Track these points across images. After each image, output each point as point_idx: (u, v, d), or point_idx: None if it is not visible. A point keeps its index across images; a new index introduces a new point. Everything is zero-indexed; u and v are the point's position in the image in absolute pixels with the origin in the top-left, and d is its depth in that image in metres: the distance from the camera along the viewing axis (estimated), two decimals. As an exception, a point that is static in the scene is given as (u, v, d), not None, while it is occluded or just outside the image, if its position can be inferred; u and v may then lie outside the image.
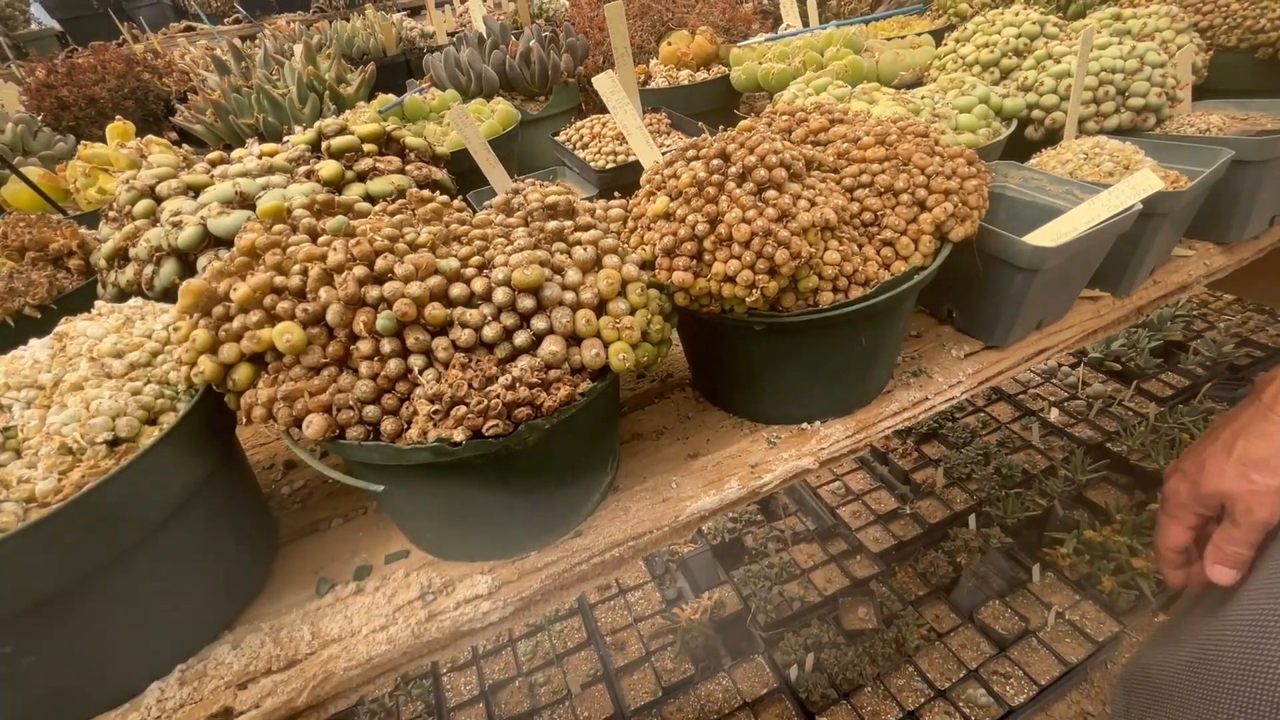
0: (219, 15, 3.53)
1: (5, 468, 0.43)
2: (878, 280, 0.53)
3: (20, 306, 0.66)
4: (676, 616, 1.72)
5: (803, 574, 1.78)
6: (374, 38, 1.96)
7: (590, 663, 1.66)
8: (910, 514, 1.87)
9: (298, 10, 3.57)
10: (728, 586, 1.80)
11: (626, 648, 1.69)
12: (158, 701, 0.47)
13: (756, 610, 1.70)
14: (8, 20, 3.26)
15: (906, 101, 0.76)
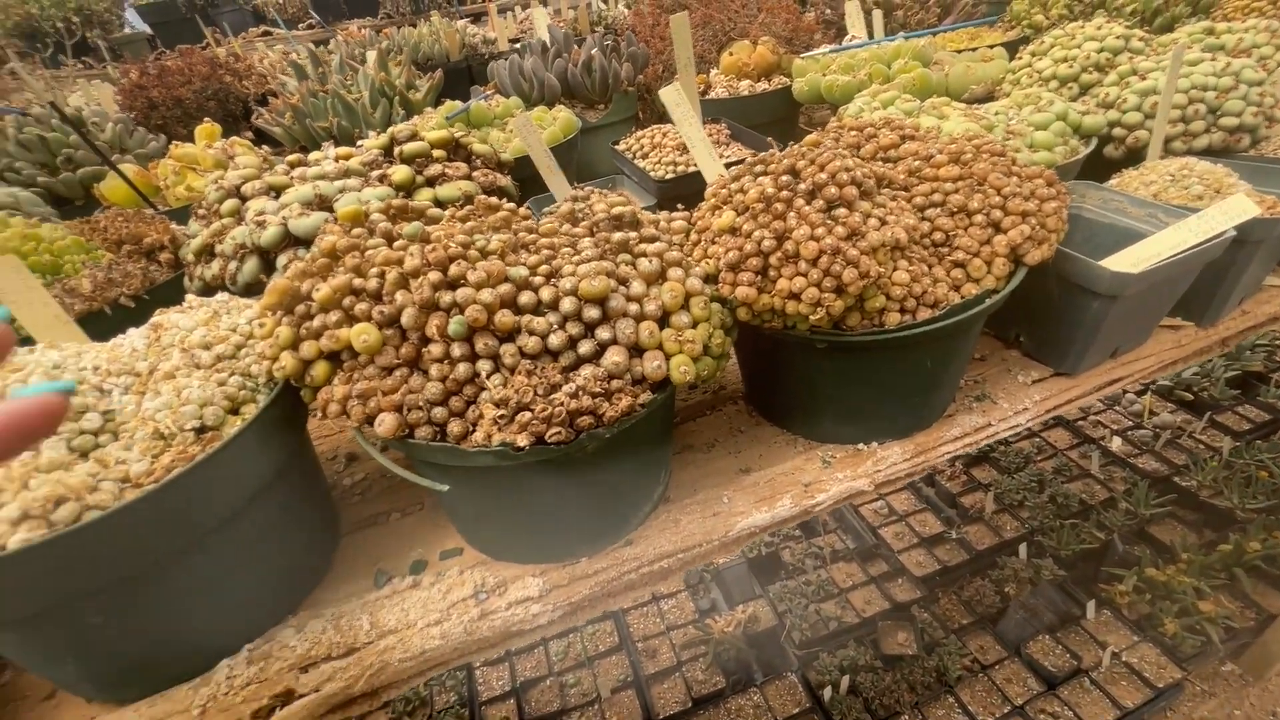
0: (294, 21, 3.70)
1: (105, 449, 0.46)
2: (947, 302, 0.52)
3: (117, 296, 0.70)
4: (710, 628, 1.70)
5: (840, 593, 1.74)
6: (439, 44, 2.03)
7: (621, 668, 1.66)
8: (957, 539, 1.81)
9: (366, 16, 3.72)
10: (763, 601, 1.77)
11: (658, 655, 1.68)
12: (227, 678, 0.49)
13: (791, 627, 1.67)
14: (105, 24, 3.50)
15: (979, 117, 0.74)
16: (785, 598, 1.78)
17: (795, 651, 1.64)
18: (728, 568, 1.92)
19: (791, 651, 1.65)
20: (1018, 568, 1.69)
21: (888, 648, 1.60)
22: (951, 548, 1.80)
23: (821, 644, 1.65)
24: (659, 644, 1.74)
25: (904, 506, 1.99)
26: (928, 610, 1.68)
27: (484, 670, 1.77)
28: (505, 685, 1.69)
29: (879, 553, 1.85)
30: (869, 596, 1.75)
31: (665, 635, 1.75)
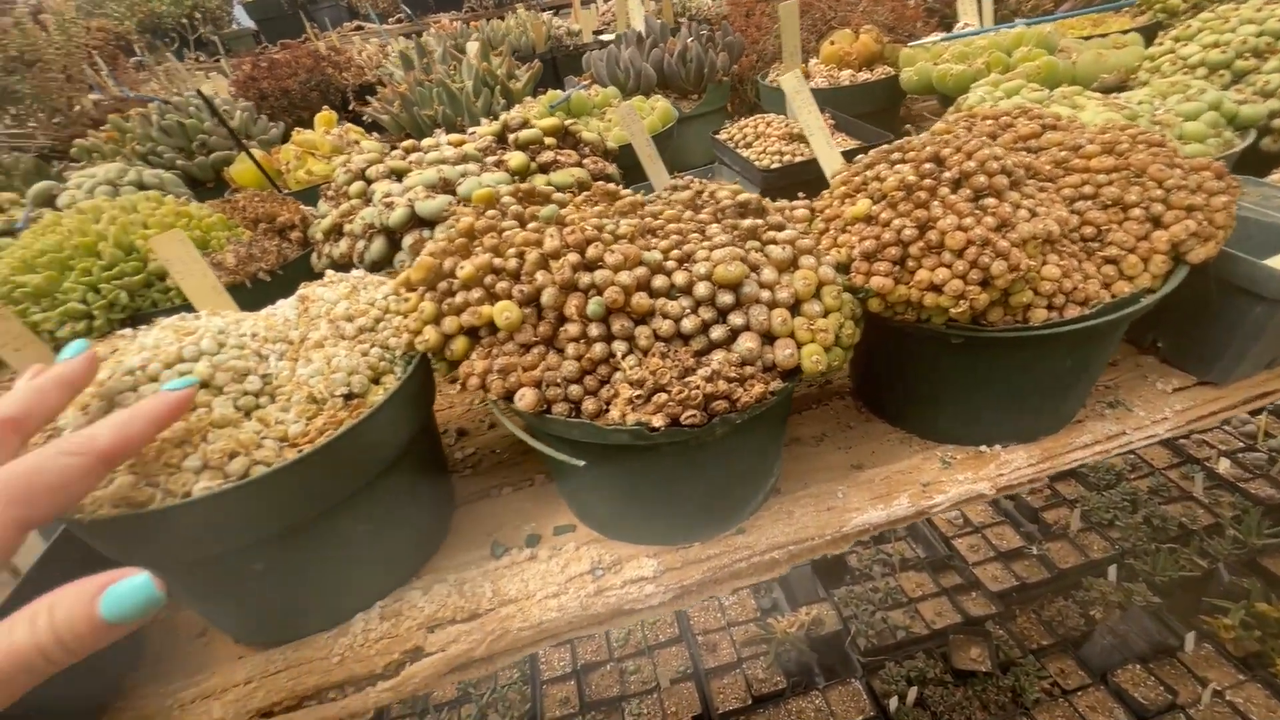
0: (385, 15, 3.85)
1: (264, 409, 0.50)
2: (1098, 300, 0.49)
3: (256, 270, 0.75)
4: (771, 627, 1.68)
5: (910, 603, 1.68)
6: (525, 35, 2.06)
7: (681, 659, 1.67)
8: (1037, 555, 1.72)
9: (452, 10, 3.83)
10: (827, 605, 1.73)
11: (718, 650, 1.68)
12: (363, 631, 0.52)
13: (857, 633, 1.63)
14: (216, 20, 3.75)
15: (1120, 106, 0.70)
16: (851, 602, 1.74)
17: (859, 658, 1.60)
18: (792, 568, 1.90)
19: (856, 658, 1.61)
20: (1105, 590, 1.59)
21: (959, 662, 1.54)
22: (1031, 564, 1.71)
23: (888, 653, 1.60)
24: (719, 639, 1.74)
25: (980, 518, 1.91)
26: (1004, 627, 1.61)
27: (546, 650, 1.81)
28: (567, 667, 1.72)
29: (952, 564, 1.77)
30: (940, 608, 1.68)
31: (726, 631, 1.75)
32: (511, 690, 1.71)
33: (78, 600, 0.28)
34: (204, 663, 0.54)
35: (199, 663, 0.54)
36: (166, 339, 0.52)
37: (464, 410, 0.78)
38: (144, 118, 1.22)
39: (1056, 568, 1.66)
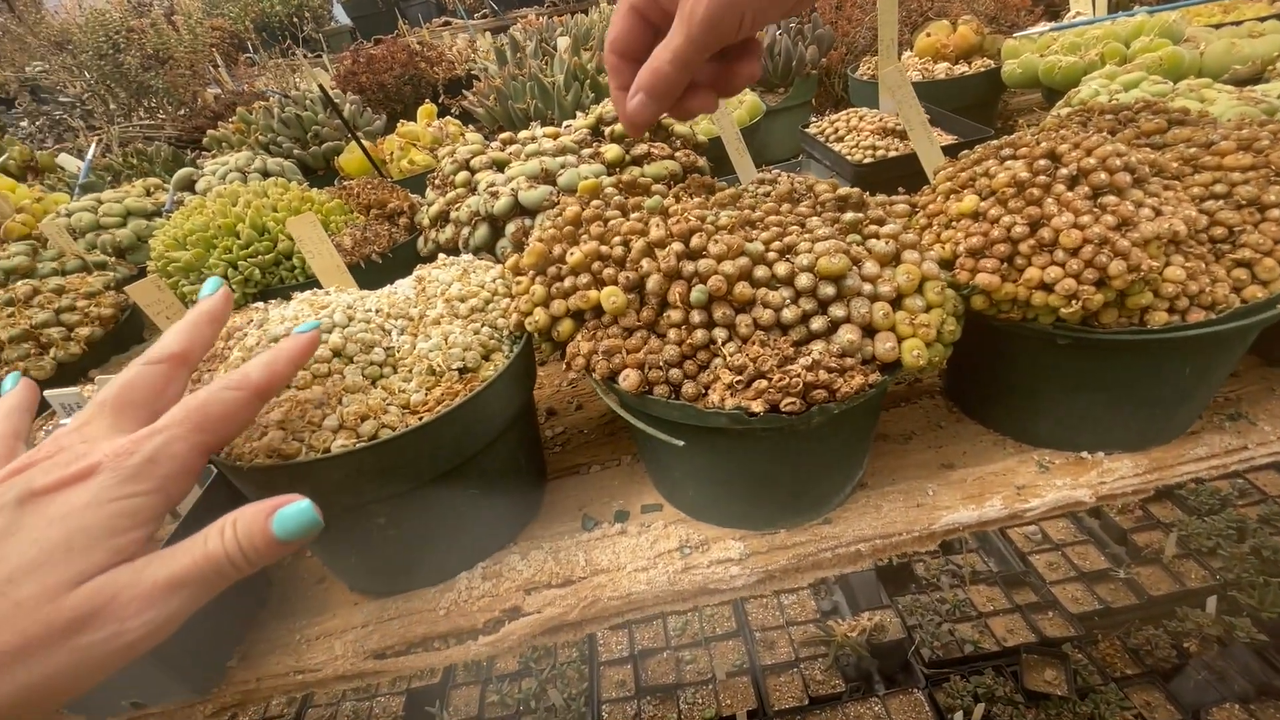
0: (472, 10, 4.00)
1: (388, 379, 0.55)
2: (1227, 305, 0.47)
3: (369, 253, 0.81)
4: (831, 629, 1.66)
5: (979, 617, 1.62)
6: (610, 30, 2.10)
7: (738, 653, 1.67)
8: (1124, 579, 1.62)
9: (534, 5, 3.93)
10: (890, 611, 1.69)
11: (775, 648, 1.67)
12: (466, 588, 0.56)
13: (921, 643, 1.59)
14: (318, 18, 4.00)
15: (1256, 100, 0.65)
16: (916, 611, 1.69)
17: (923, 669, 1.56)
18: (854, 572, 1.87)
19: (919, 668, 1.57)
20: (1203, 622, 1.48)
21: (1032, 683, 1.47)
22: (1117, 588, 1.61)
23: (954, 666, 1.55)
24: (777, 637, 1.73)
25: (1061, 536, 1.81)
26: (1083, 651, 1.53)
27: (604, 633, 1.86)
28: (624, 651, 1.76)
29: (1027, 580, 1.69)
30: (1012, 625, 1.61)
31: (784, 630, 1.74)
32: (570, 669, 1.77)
33: (255, 518, 0.32)
34: (324, 605, 0.60)
35: (320, 605, 0.60)
36: (304, 311, 0.58)
37: (553, 391, 0.82)
38: (266, 110, 1.33)
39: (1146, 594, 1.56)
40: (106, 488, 0.31)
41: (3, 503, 0.30)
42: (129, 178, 1.28)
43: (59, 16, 2.96)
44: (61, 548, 0.29)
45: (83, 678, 0.29)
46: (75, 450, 0.33)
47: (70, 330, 0.77)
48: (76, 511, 0.30)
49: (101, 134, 2.04)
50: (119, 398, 0.36)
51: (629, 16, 0.46)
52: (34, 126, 2.46)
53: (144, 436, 0.33)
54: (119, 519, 0.31)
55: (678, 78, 0.44)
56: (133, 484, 0.32)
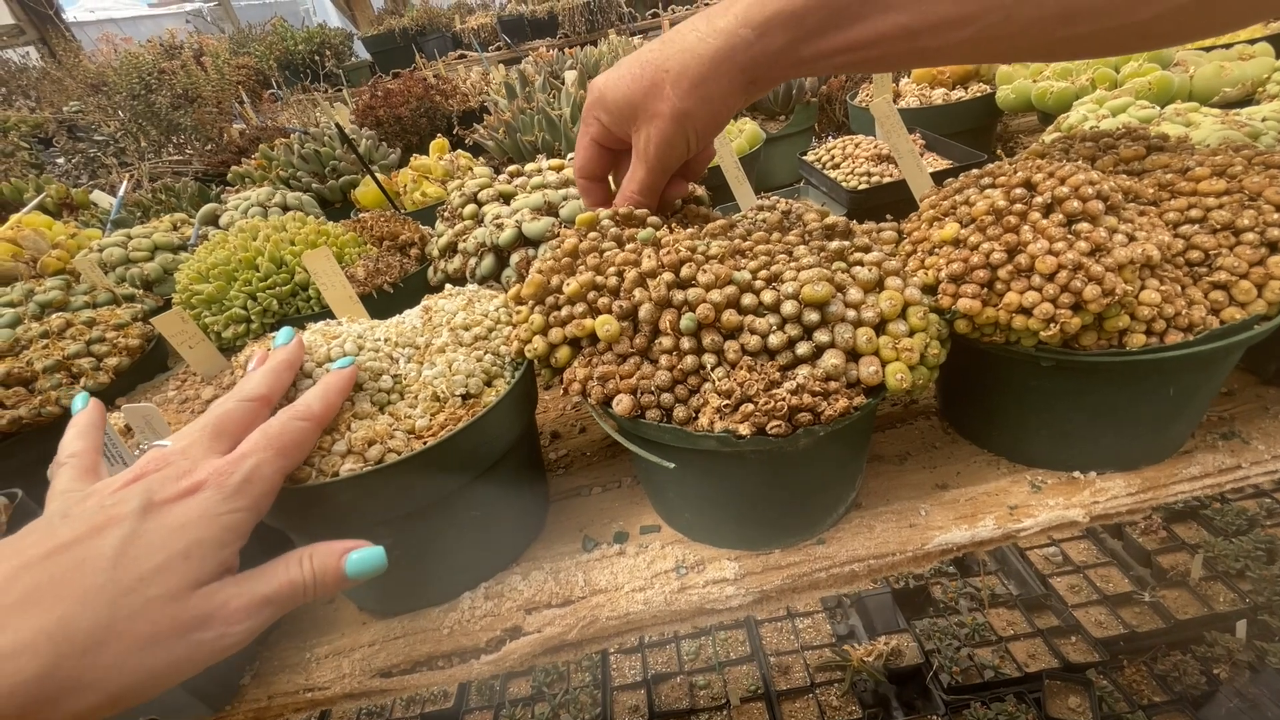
0: (486, 43, 4.13)
1: (395, 405, 0.57)
2: (1204, 326, 0.48)
3: (381, 283, 0.85)
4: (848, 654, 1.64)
5: (999, 642, 1.59)
6: (618, 61, 2.16)
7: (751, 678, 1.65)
8: (1150, 602, 1.58)
9: (547, 36, 4.05)
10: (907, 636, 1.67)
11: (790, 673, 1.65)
12: (469, 608, 0.58)
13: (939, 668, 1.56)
14: (339, 54, 4.16)
15: (1240, 124, 0.66)
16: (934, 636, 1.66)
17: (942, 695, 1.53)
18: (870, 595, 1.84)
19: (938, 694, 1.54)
20: (1233, 647, 1.44)
21: (1055, 710, 1.44)
22: (1143, 612, 1.57)
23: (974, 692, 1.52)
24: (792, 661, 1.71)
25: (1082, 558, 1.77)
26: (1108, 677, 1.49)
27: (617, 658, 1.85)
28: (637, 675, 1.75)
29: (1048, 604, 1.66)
30: (1033, 650, 1.58)
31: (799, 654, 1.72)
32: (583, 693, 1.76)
33: (329, 554, 0.39)
34: (333, 624, 0.62)
35: (329, 624, 0.62)
36: (317, 341, 0.61)
37: (556, 415, 0.84)
38: (287, 147, 1.39)
39: (1173, 618, 1.52)
40: (215, 503, 0.36)
41: (128, 510, 0.34)
42: (157, 213, 1.34)
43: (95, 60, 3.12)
44: (181, 555, 0.33)
45: (193, 667, 0.33)
46: (181, 465, 0.37)
47: (100, 360, 0.81)
48: (192, 523, 0.34)
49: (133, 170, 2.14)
50: (217, 425, 0.41)
51: (590, 148, 0.59)
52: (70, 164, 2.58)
53: (238, 458, 0.39)
54: (226, 532, 0.36)
55: (646, 203, 0.58)
56: (234, 500, 0.36)
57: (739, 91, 0.50)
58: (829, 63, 0.47)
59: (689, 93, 0.49)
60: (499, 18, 4.23)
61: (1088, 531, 1.95)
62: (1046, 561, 1.97)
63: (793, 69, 0.49)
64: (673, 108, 0.50)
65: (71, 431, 0.43)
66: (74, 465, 0.40)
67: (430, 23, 4.45)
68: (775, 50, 0.47)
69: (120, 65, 2.36)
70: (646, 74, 0.50)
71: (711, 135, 0.53)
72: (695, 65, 0.48)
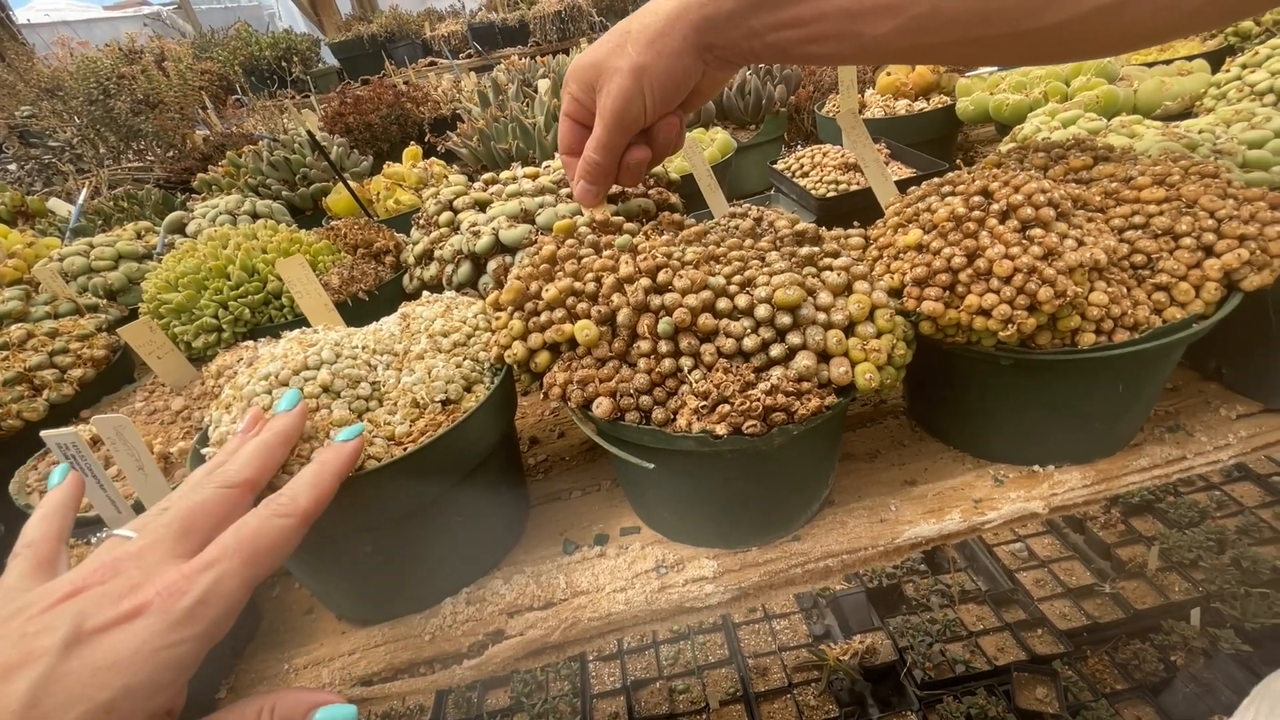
0: (456, 51, 4.12)
1: (374, 412, 0.57)
2: (1148, 325, 0.51)
3: (356, 291, 0.84)
4: (824, 653, 1.66)
5: (970, 636, 1.63)
6: (591, 70, 2.18)
7: (730, 681, 1.67)
8: (1110, 594, 1.64)
9: (518, 44, 4.06)
10: (882, 634, 1.70)
11: (768, 674, 1.67)
12: (451, 613, 0.58)
13: (913, 665, 1.59)
14: (306, 60, 4.10)
15: (1179, 136, 0.71)
16: (907, 633, 1.70)
17: (916, 690, 1.56)
18: (845, 595, 1.87)
19: (912, 690, 1.57)
20: (1188, 635, 1.51)
21: (1023, 702, 1.48)
22: (1104, 603, 1.64)
23: (946, 687, 1.56)
24: (770, 663, 1.73)
25: (1047, 552, 1.84)
26: (1073, 668, 1.54)
27: (596, 665, 1.84)
28: (616, 682, 1.75)
29: (1015, 598, 1.71)
30: (1002, 643, 1.63)
31: (777, 655, 1.74)
32: (563, 702, 1.75)
33: (294, 707, 0.33)
34: (312, 635, 0.61)
35: (308, 635, 0.62)
36: (293, 349, 0.60)
37: (535, 420, 0.84)
38: (255, 154, 1.37)
39: (1132, 608, 1.58)
40: (156, 633, 0.30)
41: (50, 644, 0.28)
42: (119, 221, 1.31)
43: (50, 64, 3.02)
44: (103, 709, 0.27)
45: None
46: (130, 577, 0.31)
47: (63, 372, 0.79)
48: (124, 662, 0.28)
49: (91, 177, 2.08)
50: (186, 522, 0.36)
51: (565, 123, 0.61)
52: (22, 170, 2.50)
53: (197, 571, 0.32)
54: (165, 671, 0.30)
55: (604, 162, 0.58)
56: (181, 629, 0.30)
57: (693, 51, 0.52)
58: (778, 37, 0.50)
59: (645, 48, 0.52)
60: (469, 25, 4.22)
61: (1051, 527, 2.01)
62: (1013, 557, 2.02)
63: (746, 40, 0.51)
64: (631, 62, 0.52)
65: (37, 514, 0.39)
66: (26, 558, 0.35)
67: (399, 29, 4.42)
68: (726, 13, 0.50)
69: (77, 69, 2.30)
70: (613, 38, 0.54)
71: (669, 95, 0.54)
72: (654, 22, 0.52)
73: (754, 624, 1.82)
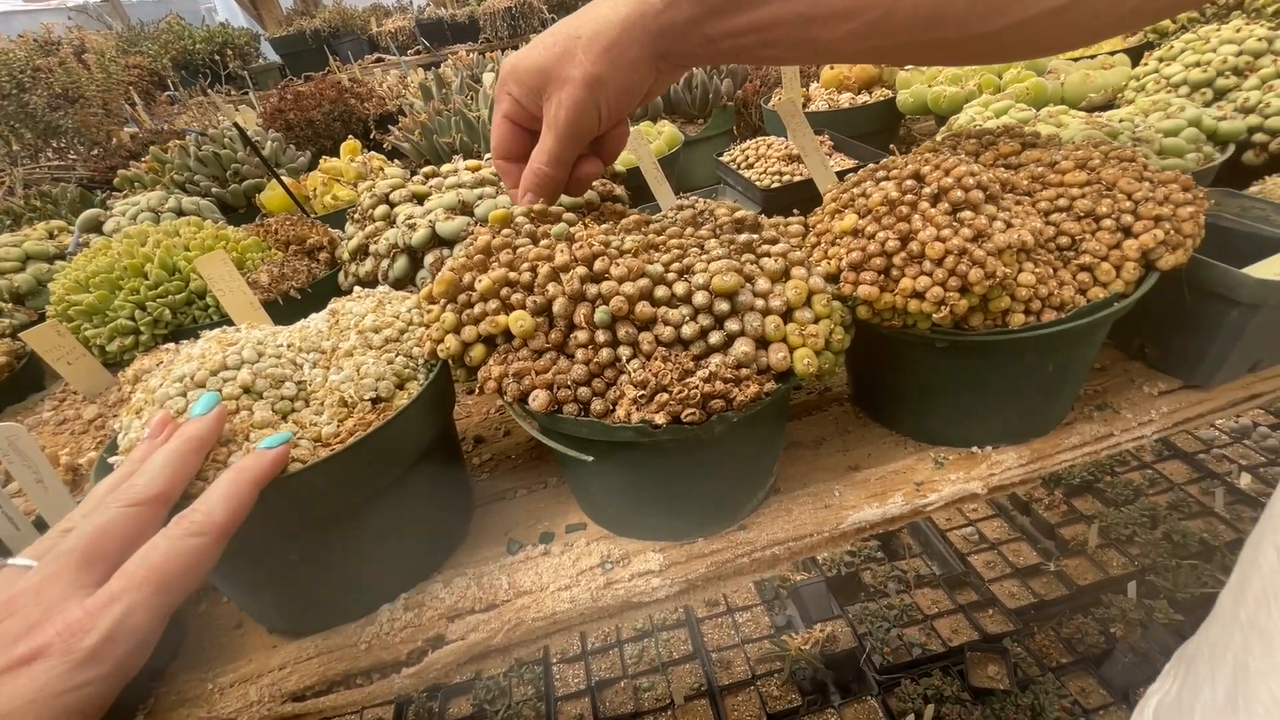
0: (404, 47, 4.01)
1: (300, 413, 0.54)
2: (1074, 305, 0.52)
3: (287, 289, 0.81)
4: (786, 644, 1.68)
5: (925, 620, 1.68)
6: (540, 66, 2.15)
7: (695, 676, 1.67)
8: (1055, 571, 1.71)
9: (468, 40, 3.98)
10: (841, 621, 1.73)
11: (732, 667, 1.68)
12: (388, 620, 0.56)
13: (872, 650, 1.63)
14: (244, 55, 3.93)
15: (1101, 125, 0.73)
16: (865, 620, 1.73)
17: (875, 675, 1.60)
18: (805, 585, 1.90)
19: (871, 675, 1.61)
20: (1126, 607, 1.58)
21: (977, 680, 1.53)
22: (1049, 581, 1.70)
23: (904, 670, 1.59)
24: (733, 656, 1.74)
25: (996, 535, 1.90)
26: (1022, 645, 1.59)
27: (560, 667, 1.82)
28: (581, 684, 1.73)
29: (968, 581, 1.77)
30: (956, 625, 1.68)
31: (740, 648, 1.75)
32: (527, 706, 1.72)
33: None
34: (240, 650, 0.58)
35: (236, 650, 0.58)
36: (211, 349, 0.57)
37: (480, 419, 0.82)
38: (182, 149, 1.30)
39: (1075, 585, 1.65)
40: (56, 677, 0.27)
41: None
42: (30, 220, 1.22)
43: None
44: None
45: None
46: (27, 616, 0.29)
47: (-40, 382, 0.73)
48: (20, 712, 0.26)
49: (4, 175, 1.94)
50: (89, 548, 0.32)
51: (503, 125, 0.58)
52: (-73, 170, 2.32)
53: (102, 605, 0.30)
54: (68, 717, 0.27)
55: (555, 175, 0.55)
56: (84, 670, 0.28)
57: (649, 61, 0.50)
58: (734, 43, 0.49)
59: (600, 57, 0.49)
60: (417, 21, 4.12)
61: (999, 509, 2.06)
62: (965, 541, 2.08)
63: (701, 47, 0.50)
64: (585, 72, 0.49)
65: None
66: None
67: (344, 25, 4.28)
68: (683, 21, 0.48)
69: (-13, 62, 2.14)
70: (559, 41, 0.50)
71: (623, 107, 0.52)
72: (607, 30, 0.48)
73: (717, 618, 1.82)
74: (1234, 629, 0.30)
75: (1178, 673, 0.38)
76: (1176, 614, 1.53)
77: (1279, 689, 0.25)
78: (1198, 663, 0.34)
